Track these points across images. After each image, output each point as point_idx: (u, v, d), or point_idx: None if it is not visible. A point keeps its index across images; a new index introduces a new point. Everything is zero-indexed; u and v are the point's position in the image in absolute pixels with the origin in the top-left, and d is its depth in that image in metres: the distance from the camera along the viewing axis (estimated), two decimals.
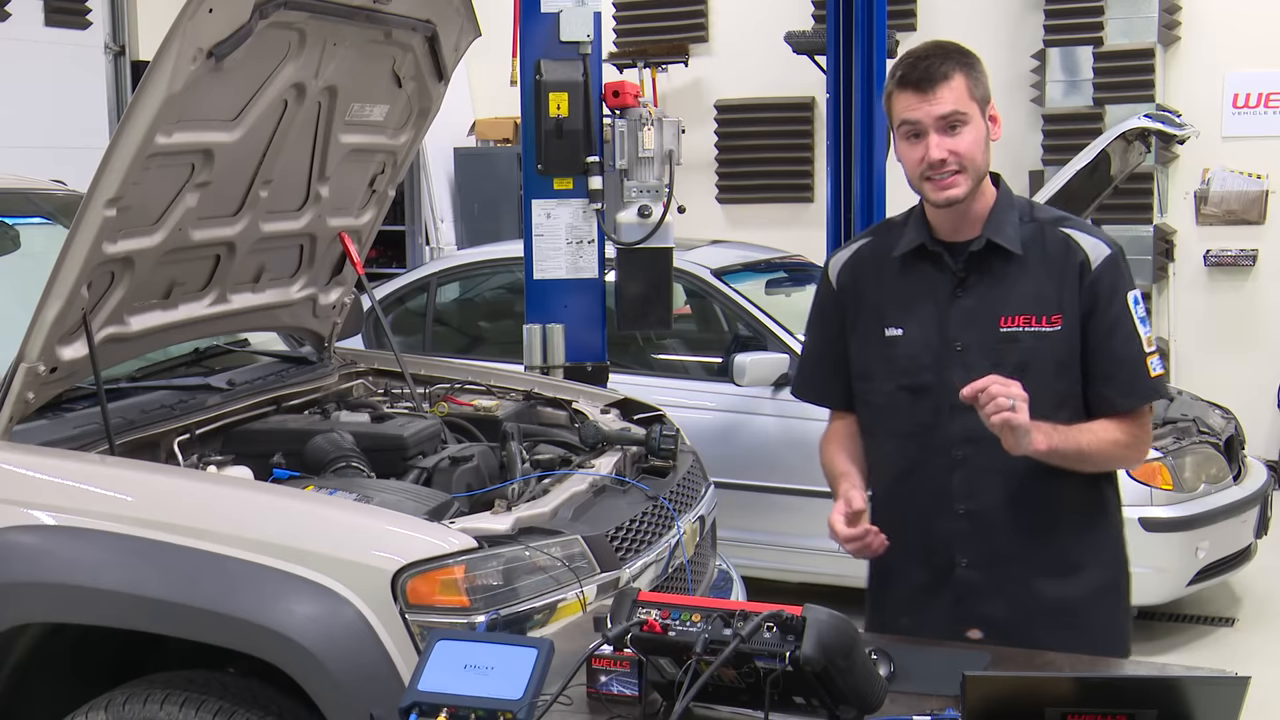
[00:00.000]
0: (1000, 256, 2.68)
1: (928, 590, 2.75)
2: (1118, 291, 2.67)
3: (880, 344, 2.75)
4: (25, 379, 3.19)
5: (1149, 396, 2.70)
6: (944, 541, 2.72)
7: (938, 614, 2.73)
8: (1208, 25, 8.28)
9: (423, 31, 3.91)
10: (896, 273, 2.76)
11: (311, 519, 3.08)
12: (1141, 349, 2.67)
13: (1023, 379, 2.57)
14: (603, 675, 2.24)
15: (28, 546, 3.05)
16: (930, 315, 2.71)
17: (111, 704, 3.03)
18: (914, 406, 2.70)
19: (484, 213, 9.52)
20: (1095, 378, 2.67)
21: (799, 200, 9.25)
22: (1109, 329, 2.65)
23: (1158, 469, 5.52)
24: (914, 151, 2.63)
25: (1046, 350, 2.65)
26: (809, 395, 2.99)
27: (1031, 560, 2.70)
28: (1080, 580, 2.73)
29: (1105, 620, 2.76)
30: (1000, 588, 2.70)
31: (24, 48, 8.41)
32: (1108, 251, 2.69)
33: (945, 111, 2.59)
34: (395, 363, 4.51)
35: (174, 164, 3.31)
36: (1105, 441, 2.65)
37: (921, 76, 2.60)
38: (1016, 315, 2.66)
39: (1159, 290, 8.43)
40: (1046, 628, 2.64)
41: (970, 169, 2.62)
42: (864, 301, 2.79)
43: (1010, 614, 2.69)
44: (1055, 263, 2.67)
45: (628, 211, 5.23)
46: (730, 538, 4.72)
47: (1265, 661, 5.39)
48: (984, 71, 2.68)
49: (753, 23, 9.13)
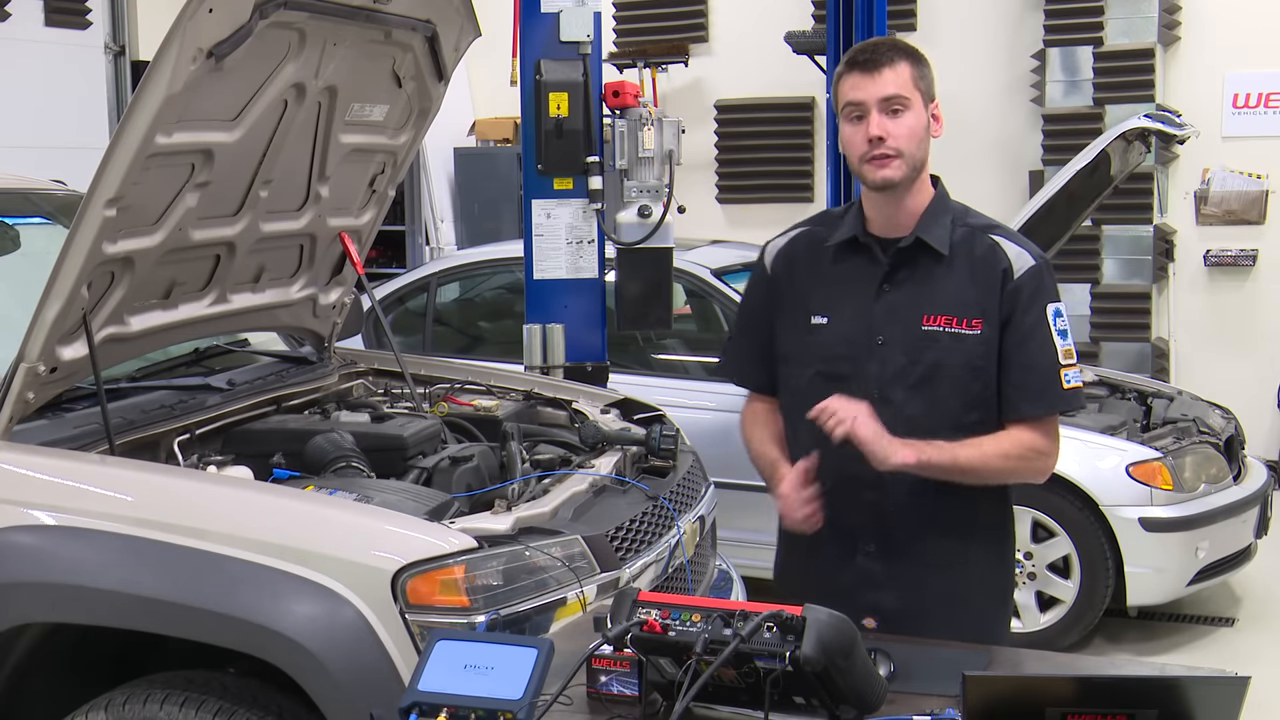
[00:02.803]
0: (928, 255, 2.74)
1: (829, 573, 2.81)
2: (1036, 301, 2.71)
3: (805, 330, 2.81)
4: (25, 379, 3.19)
5: (1056, 406, 2.74)
6: (849, 528, 2.78)
7: (836, 599, 2.75)
8: (1208, 25, 8.28)
9: (423, 31, 3.91)
10: (829, 262, 2.82)
11: (311, 519, 3.08)
12: (1055, 359, 2.71)
13: (936, 378, 2.69)
14: (603, 675, 2.24)
15: (28, 546, 3.05)
16: (856, 307, 2.76)
17: (111, 704, 3.03)
18: (829, 394, 2.72)
19: (484, 213, 9.52)
20: (1006, 384, 2.72)
21: (799, 200, 9.24)
22: (1023, 337, 2.70)
23: (1158, 469, 5.53)
24: (856, 132, 2.70)
25: (963, 352, 2.70)
26: (730, 374, 3.07)
27: (930, 554, 2.76)
28: (975, 579, 2.81)
29: (989, 619, 2.84)
30: (896, 578, 2.77)
31: (24, 48, 8.41)
32: (1032, 262, 2.73)
33: (888, 93, 2.67)
34: (395, 363, 4.51)
35: (174, 164, 3.31)
36: (990, 454, 2.70)
37: (868, 59, 2.69)
38: (938, 315, 2.71)
39: (1159, 290, 8.43)
40: (932, 620, 2.70)
41: (907, 154, 2.68)
42: (794, 288, 2.85)
43: (903, 605, 2.75)
44: (980, 268, 2.72)
45: (628, 211, 5.23)
46: (730, 538, 4.72)
47: (1265, 661, 5.40)
48: (931, 71, 2.75)
49: (753, 23, 9.13)
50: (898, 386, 2.72)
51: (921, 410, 2.71)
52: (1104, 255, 8.35)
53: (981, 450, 2.69)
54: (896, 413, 2.69)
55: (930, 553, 2.77)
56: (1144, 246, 8.30)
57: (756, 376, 2.96)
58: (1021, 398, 2.71)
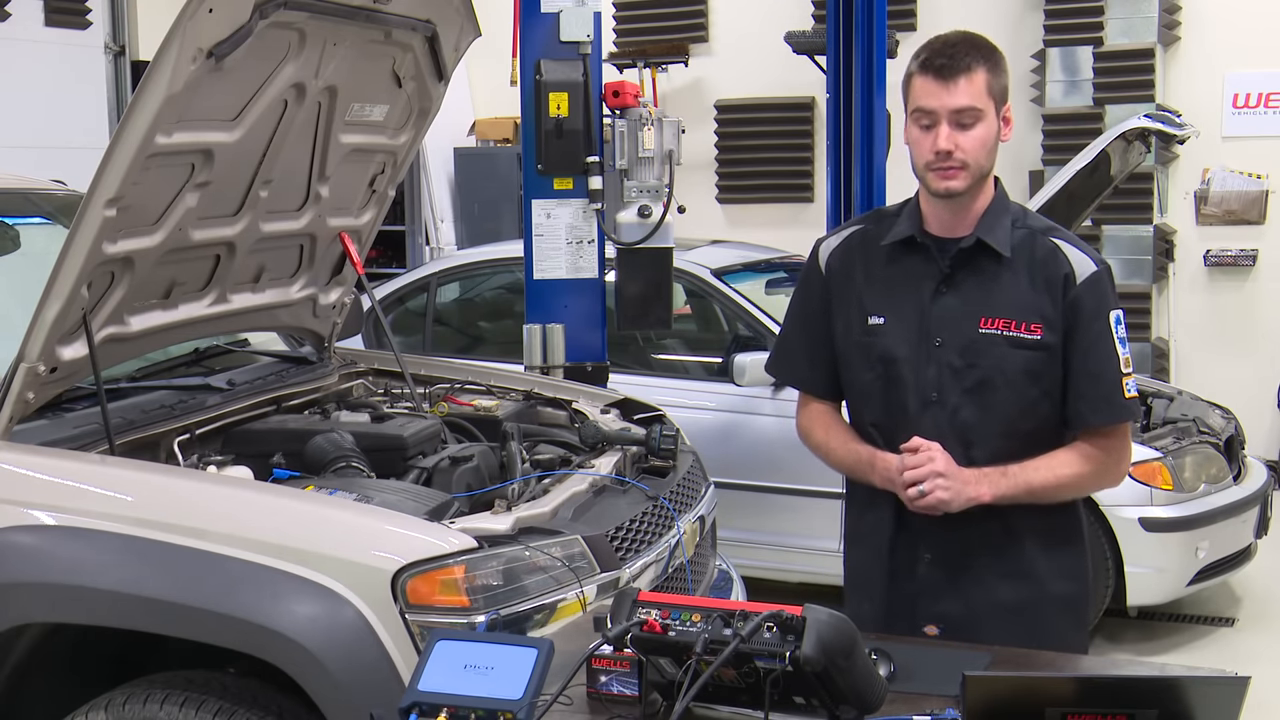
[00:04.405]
0: (988, 257, 2.69)
1: (890, 582, 2.78)
2: (1101, 310, 2.67)
3: (861, 331, 2.76)
4: (25, 379, 3.19)
5: (1121, 416, 2.70)
6: (909, 536, 2.74)
7: (898, 607, 2.76)
8: (1208, 25, 8.28)
9: (423, 31, 3.91)
10: (884, 262, 2.77)
11: (311, 519, 3.08)
12: (1119, 369, 2.67)
13: (992, 383, 2.63)
14: (603, 675, 2.24)
15: (28, 546, 3.05)
16: (912, 308, 2.72)
17: (111, 704, 3.03)
18: (887, 397, 2.71)
19: (484, 213, 9.52)
20: (1070, 393, 2.68)
21: (799, 200, 9.24)
22: (1088, 346, 2.66)
23: (1158, 469, 5.53)
24: (924, 140, 2.64)
25: (1021, 358, 2.66)
26: (782, 375, 3.01)
27: (992, 564, 2.72)
28: (1040, 590, 2.74)
29: (1062, 631, 2.74)
30: (959, 587, 2.72)
31: (24, 48, 8.41)
32: (1094, 268, 2.68)
33: (961, 105, 2.60)
34: (395, 363, 4.51)
35: (174, 164, 3.31)
36: (1063, 476, 2.67)
37: (944, 65, 2.60)
38: (997, 318, 2.67)
39: (1159, 290, 8.43)
40: (1002, 631, 2.65)
41: (973, 166, 2.63)
42: (850, 287, 2.80)
43: (967, 614, 2.71)
44: (1040, 272, 2.67)
45: (628, 211, 5.23)
46: (730, 538, 4.72)
47: (1265, 661, 5.40)
48: (1006, 69, 2.68)
49: (753, 23, 9.13)
50: (953, 390, 2.67)
51: (975, 416, 2.67)
52: (1104, 255, 8.33)
53: (1054, 471, 2.65)
54: (951, 417, 2.66)
55: (993, 564, 2.71)
56: (1144, 246, 8.30)
57: (813, 378, 2.88)
58: (1088, 407, 2.67)
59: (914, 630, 2.70)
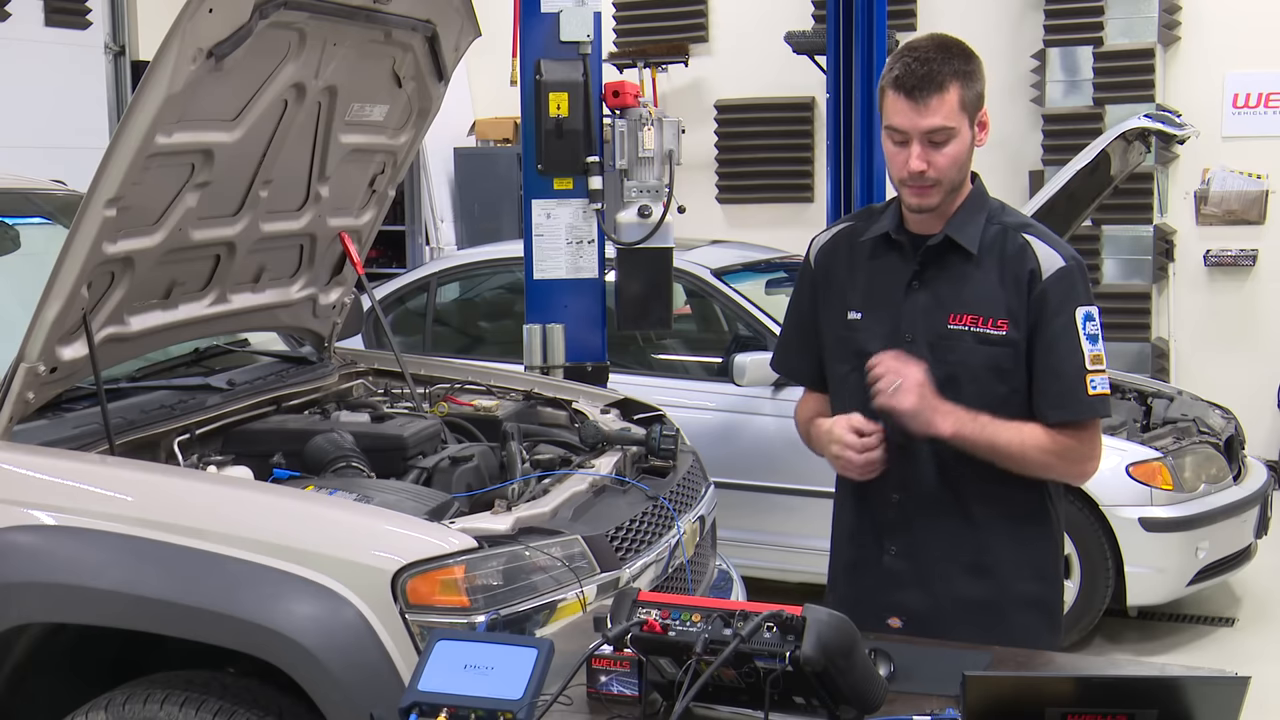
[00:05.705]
0: (958, 254, 2.71)
1: (855, 571, 2.81)
2: (1065, 306, 2.66)
3: (842, 326, 2.80)
4: (25, 379, 3.19)
5: (1081, 413, 2.68)
6: (875, 527, 2.77)
7: (862, 596, 2.77)
8: (1208, 25, 8.28)
9: (423, 31, 3.91)
10: (866, 258, 2.81)
11: (311, 519, 3.08)
12: (1082, 365, 2.65)
13: (960, 379, 2.65)
14: (603, 675, 2.24)
15: (28, 546, 3.05)
16: (887, 304, 2.75)
17: (111, 704, 3.03)
18: (862, 391, 2.71)
19: (484, 213, 9.52)
20: (1034, 389, 2.68)
21: (799, 200, 9.25)
22: (1051, 342, 2.66)
23: (1158, 469, 5.53)
24: (898, 155, 2.66)
25: (987, 353, 2.67)
26: (782, 370, 3.06)
27: (957, 558, 2.73)
28: (1004, 587, 2.74)
29: (1029, 630, 2.72)
30: (923, 580, 2.74)
31: (24, 48, 8.40)
32: (1061, 263, 2.67)
33: (933, 126, 2.60)
34: (395, 363, 4.51)
35: (174, 164, 3.31)
36: (1029, 445, 2.65)
37: (915, 85, 2.60)
38: (965, 314, 2.68)
39: (1159, 290, 8.43)
40: (966, 626, 2.65)
41: (946, 182, 2.66)
42: (834, 283, 2.84)
43: (931, 607, 2.72)
44: (1009, 268, 2.68)
45: (628, 211, 5.23)
46: (730, 538, 4.72)
47: (1265, 661, 5.39)
48: (981, 75, 2.68)
49: (753, 23, 9.13)
50: None
51: None
52: (1104, 255, 8.35)
53: (1021, 436, 2.64)
54: None
55: (957, 558, 2.72)
56: (1144, 246, 8.30)
57: (807, 372, 2.94)
58: (1048, 404, 2.66)
59: (878, 622, 2.70)
